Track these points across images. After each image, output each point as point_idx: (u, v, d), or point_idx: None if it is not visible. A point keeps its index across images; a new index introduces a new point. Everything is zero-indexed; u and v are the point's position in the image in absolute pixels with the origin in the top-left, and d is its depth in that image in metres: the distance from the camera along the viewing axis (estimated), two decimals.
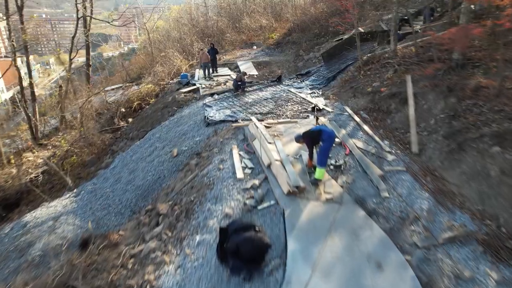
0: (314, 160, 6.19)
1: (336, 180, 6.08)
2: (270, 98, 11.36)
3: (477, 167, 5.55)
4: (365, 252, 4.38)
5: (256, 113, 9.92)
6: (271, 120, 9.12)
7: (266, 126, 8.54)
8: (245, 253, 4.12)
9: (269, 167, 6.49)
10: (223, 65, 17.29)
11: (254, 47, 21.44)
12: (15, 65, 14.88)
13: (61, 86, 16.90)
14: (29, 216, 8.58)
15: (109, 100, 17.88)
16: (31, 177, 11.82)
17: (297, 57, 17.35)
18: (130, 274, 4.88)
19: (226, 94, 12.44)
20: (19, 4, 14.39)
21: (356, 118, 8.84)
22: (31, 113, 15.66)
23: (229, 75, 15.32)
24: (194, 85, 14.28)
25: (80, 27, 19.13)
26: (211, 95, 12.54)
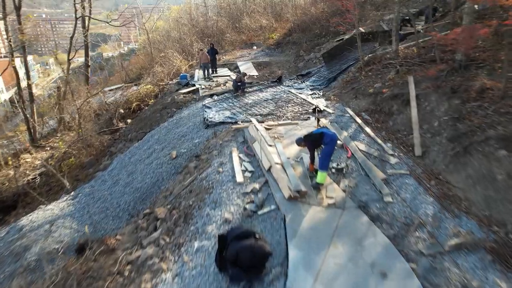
0: (316, 164, 6.05)
1: (338, 184, 5.93)
2: (270, 99, 11.22)
3: (483, 171, 5.41)
4: (369, 260, 4.24)
5: (256, 114, 9.78)
6: (272, 121, 8.98)
7: (266, 128, 8.40)
8: (245, 261, 3.97)
9: (269, 170, 6.35)
10: (223, 66, 17.16)
11: (254, 47, 21.30)
12: (13, 66, 14.75)
13: (59, 87, 16.78)
14: (25, 219, 8.43)
15: (108, 100, 17.74)
16: (28, 179, 11.69)
17: (298, 58, 17.21)
18: (126, 282, 4.74)
19: (226, 95, 12.30)
20: (16, 4, 14.26)
21: (358, 119, 8.70)
22: (29, 114, 15.51)
23: (229, 75, 15.19)
24: (194, 85, 14.15)
25: (79, 27, 19.00)
26: (211, 96, 12.41)
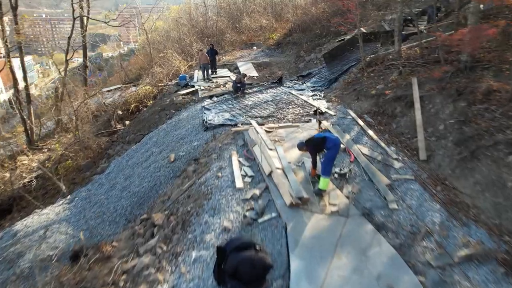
0: (318, 169, 5.85)
1: (341, 190, 5.74)
2: (271, 100, 11.02)
3: (492, 177, 5.21)
4: (374, 272, 4.04)
5: (256, 116, 9.59)
6: (272, 124, 8.78)
7: (266, 131, 8.20)
8: (245, 274, 3.77)
9: (270, 175, 6.15)
10: (223, 66, 16.95)
11: (254, 47, 21.10)
12: (10, 66, 14.55)
13: (57, 87, 16.57)
14: (20, 224, 8.24)
15: (107, 102, 17.53)
16: (24, 182, 11.48)
17: (298, 58, 17.01)
18: None
19: (226, 96, 12.10)
20: (13, 4, 14.06)
21: (360, 122, 8.51)
22: (27, 115, 15.31)
23: (228, 76, 14.98)
24: (193, 86, 13.95)
25: (77, 27, 18.79)
26: (210, 97, 12.22)
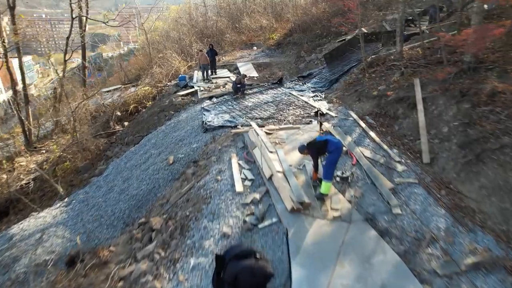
0: (320, 173, 5.72)
1: (343, 194, 5.61)
2: (271, 101, 10.89)
3: (498, 181, 5.08)
4: (378, 281, 3.91)
5: (256, 118, 9.45)
6: (272, 126, 8.65)
7: (267, 133, 8.07)
8: (245, 283, 3.63)
9: (270, 179, 6.02)
10: (222, 67, 16.82)
11: (254, 48, 20.97)
12: (7, 67, 14.42)
13: (56, 88, 16.43)
14: (16, 228, 8.10)
15: (106, 102, 17.39)
16: (22, 184, 11.35)
17: (299, 59, 16.88)
18: None
19: (225, 97, 11.97)
20: (10, 4, 13.92)
21: (362, 123, 8.37)
22: (25, 116, 15.18)
23: (228, 77, 14.85)
24: (192, 87, 13.82)
25: (76, 27, 18.66)
26: (210, 98, 12.08)
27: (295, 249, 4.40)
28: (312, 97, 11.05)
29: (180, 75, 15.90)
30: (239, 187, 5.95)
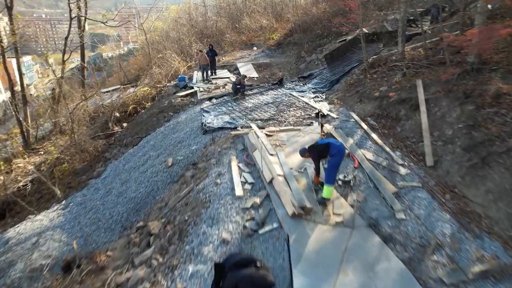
0: (321, 176, 5.59)
1: (346, 198, 5.48)
2: (271, 102, 10.76)
3: (505, 186, 4.95)
4: None
5: (257, 119, 9.33)
6: (273, 127, 8.52)
7: (267, 135, 7.94)
8: None
9: (271, 182, 5.89)
10: (222, 67, 16.68)
11: (254, 48, 20.84)
12: (4, 67, 14.28)
13: (54, 88, 16.28)
14: (12, 231, 7.97)
15: (105, 103, 17.24)
16: (19, 186, 11.21)
17: (299, 59, 16.75)
18: None
19: (225, 98, 11.84)
20: (8, 4, 13.79)
21: (364, 125, 8.24)
22: (23, 117, 15.04)
23: (228, 77, 14.73)
24: (192, 88, 13.69)
25: (75, 27, 18.51)
26: (209, 99, 11.96)
27: (297, 256, 4.27)
28: (313, 98, 10.92)
29: (179, 76, 15.77)
30: (239, 191, 5.82)
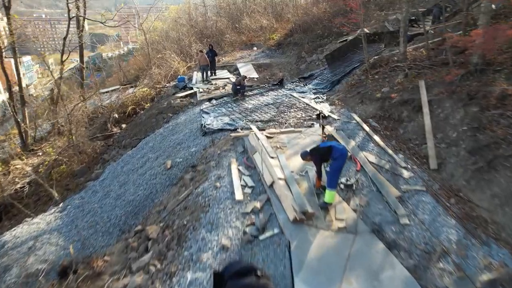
0: (323, 180, 5.46)
1: (348, 202, 5.35)
2: (272, 103, 10.63)
3: (511, 190, 4.82)
4: None
5: (257, 120, 9.20)
6: (273, 129, 8.39)
7: (267, 137, 7.82)
8: None
9: (271, 186, 5.76)
10: (222, 68, 16.56)
11: (255, 48, 20.72)
12: (2, 67, 14.16)
13: (52, 89, 16.16)
14: (9, 234, 7.85)
15: (104, 103, 17.11)
16: (17, 187, 11.08)
17: (299, 59, 16.62)
18: None
19: (225, 99, 11.72)
20: (6, 4, 13.67)
21: (365, 127, 8.12)
22: (21, 118, 14.91)
23: (228, 78, 14.60)
24: (191, 89, 13.56)
25: (74, 27, 18.38)
26: (209, 100, 11.83)
27: (298, 264, 4.14)
28: (314, 99, 10.79)
29: (179, 76, 15.64)
30: (239, 195, 5.69)
